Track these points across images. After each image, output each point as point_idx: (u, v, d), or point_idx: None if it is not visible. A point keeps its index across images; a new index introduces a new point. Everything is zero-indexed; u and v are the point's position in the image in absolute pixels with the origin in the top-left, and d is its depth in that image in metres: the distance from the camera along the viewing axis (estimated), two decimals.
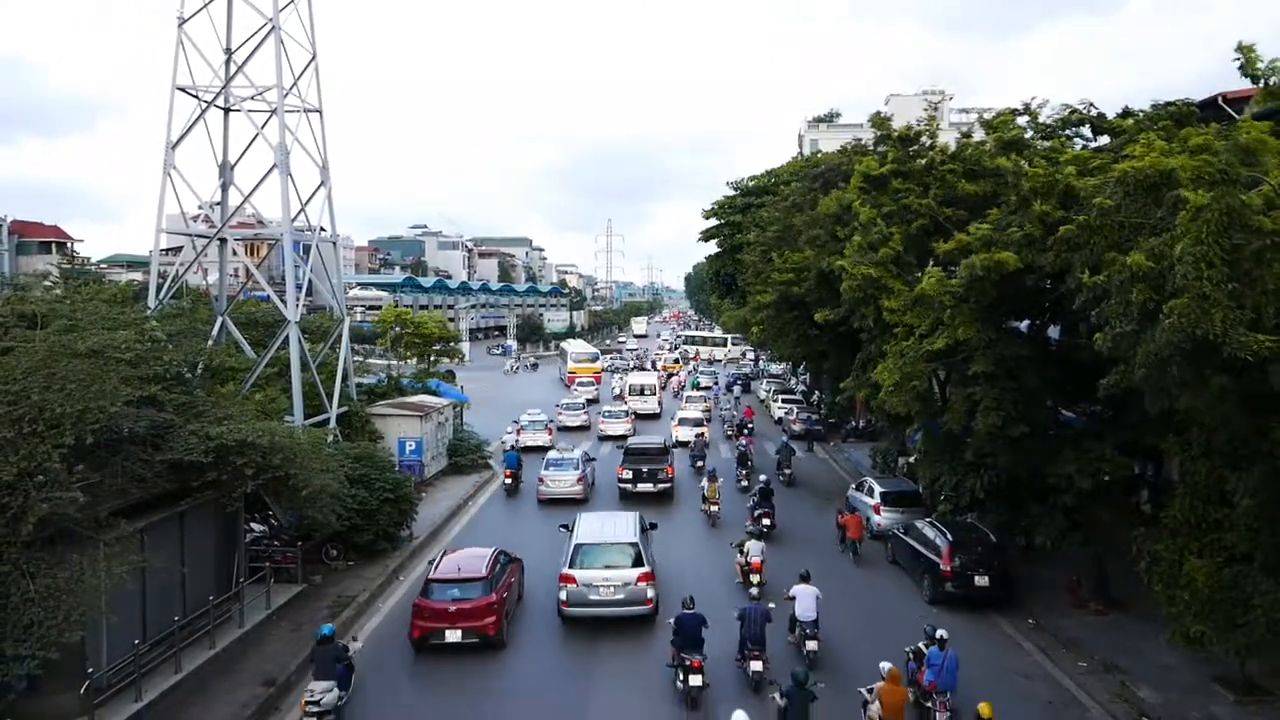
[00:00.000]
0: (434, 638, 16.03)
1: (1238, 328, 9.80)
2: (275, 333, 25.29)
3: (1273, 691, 13.84)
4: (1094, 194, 12.85)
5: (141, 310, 20.15)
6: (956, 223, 18.49)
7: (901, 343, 18.04)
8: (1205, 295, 9.91)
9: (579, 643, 16.88)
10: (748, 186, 53.56)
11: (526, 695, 14.73)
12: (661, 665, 14.93)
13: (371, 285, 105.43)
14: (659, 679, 14.92)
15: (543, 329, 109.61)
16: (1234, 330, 9.79)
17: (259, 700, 14.13)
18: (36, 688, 11.83)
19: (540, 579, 19.36)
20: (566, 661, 16.25)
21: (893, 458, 29.23)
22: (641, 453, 28.54)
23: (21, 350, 13.07)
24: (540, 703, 14.48)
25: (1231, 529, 12.76)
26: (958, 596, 18.64)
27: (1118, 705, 14.47)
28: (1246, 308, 10.09)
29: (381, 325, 52.35)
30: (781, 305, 31.92)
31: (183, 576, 15.23)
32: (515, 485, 29.43)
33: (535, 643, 16.98)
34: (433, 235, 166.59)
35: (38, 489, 11.23)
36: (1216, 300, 9.89)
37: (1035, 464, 17.44)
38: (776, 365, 67.70)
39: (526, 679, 15.42)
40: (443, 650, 16.00)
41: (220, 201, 25.63)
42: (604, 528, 19.06)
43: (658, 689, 14.71)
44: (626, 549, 17.81)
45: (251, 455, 14.72)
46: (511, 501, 28.65)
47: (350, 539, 20.77)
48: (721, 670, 14.65)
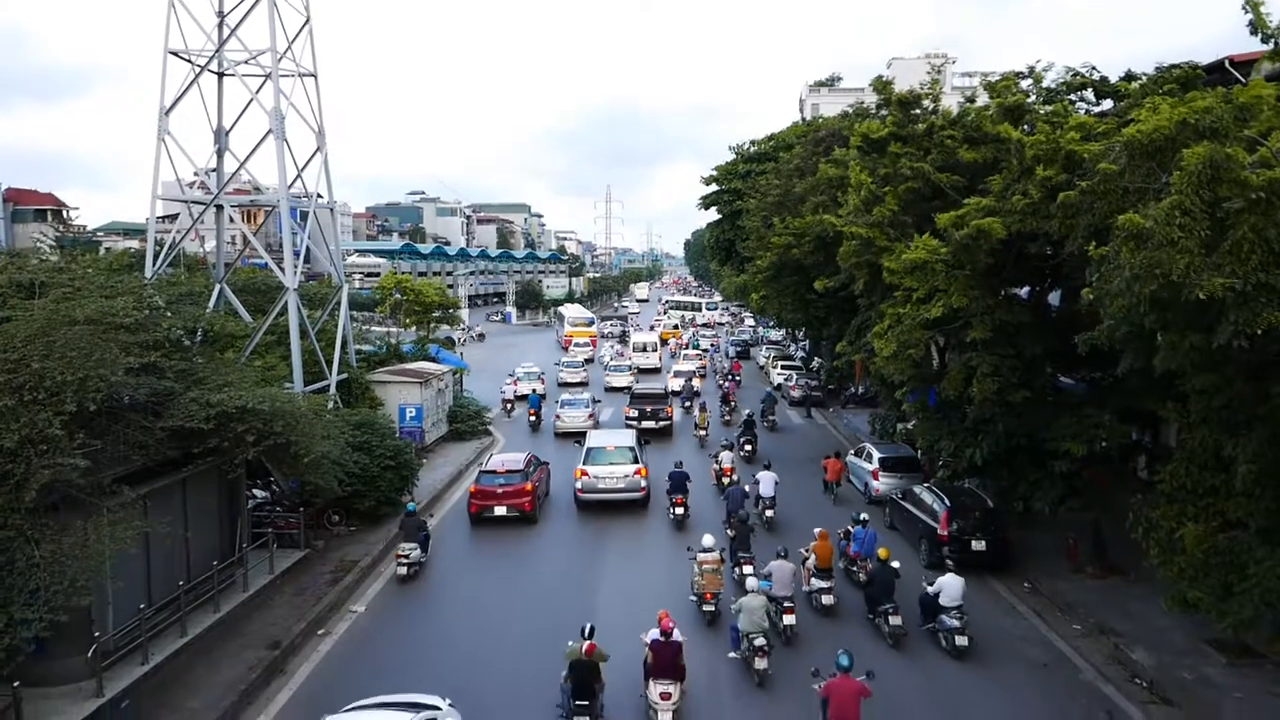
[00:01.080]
0: (486, 512, 21.99)
1: (1200, 272, 9.82)
2: (273, 300, 25.24)
3: (1265, 654, 14.02)
4: (1098, 159, 12.74)
5: (139, 278, 20.08)
6: (955, 189, 18.35)
7: (899, 306, 17.99)
8: (1173, 241, 9.92)
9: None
10: (749, 152, 53.03)
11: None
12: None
13: (369, 252, 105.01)
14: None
15: (542, 295, 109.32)
16: (1195, 274, 9.81)
17: (264, 662, 14.32)
18: (45, 651, 11.99)
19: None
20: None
21: (891, 424, 29.32)
22: (645, 397, 34.13)
23: (20, 319, 13.06)
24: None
25: (1228, 495, 12.84)
26: (954, 561, 18.76)
27: (1111, 667, 14.69)
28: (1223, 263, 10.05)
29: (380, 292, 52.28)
30: (781, 269, 31.80)
31: (186, 542, 15.35)
32: (537, 423, 35.16)
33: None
34: (431, 202, 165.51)
35: (40, 456, 11.29)
36: (1185, 247, 9.90)
37: (1034, 430, 17.50)
38: (776, 332, 67.71)
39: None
40: (491, 523, 21.95)
41: (216, 168, 25.42)
42: (609, 438, 24.89)
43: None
44: (626, 450, 23.66)
45: (253, 422, 14.78)
46: (534, 437, 34.03)
47: (352, 505, 20.92)
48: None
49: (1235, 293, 9.72)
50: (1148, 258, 10.07)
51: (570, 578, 18.72)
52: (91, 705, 12.25)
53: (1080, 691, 13.94)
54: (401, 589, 18.27)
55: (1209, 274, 9.81)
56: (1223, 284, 9.72)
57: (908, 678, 14.14)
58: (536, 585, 18.43)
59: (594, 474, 23.08)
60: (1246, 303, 9.79)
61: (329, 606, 16.92)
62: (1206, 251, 10.03)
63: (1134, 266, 10.21)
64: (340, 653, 15.42)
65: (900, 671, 14.20)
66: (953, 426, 19.77)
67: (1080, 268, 14.54)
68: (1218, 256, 10.00)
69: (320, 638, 15.92)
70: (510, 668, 14.53)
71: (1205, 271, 9.85)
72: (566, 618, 15.27)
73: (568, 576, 18.80)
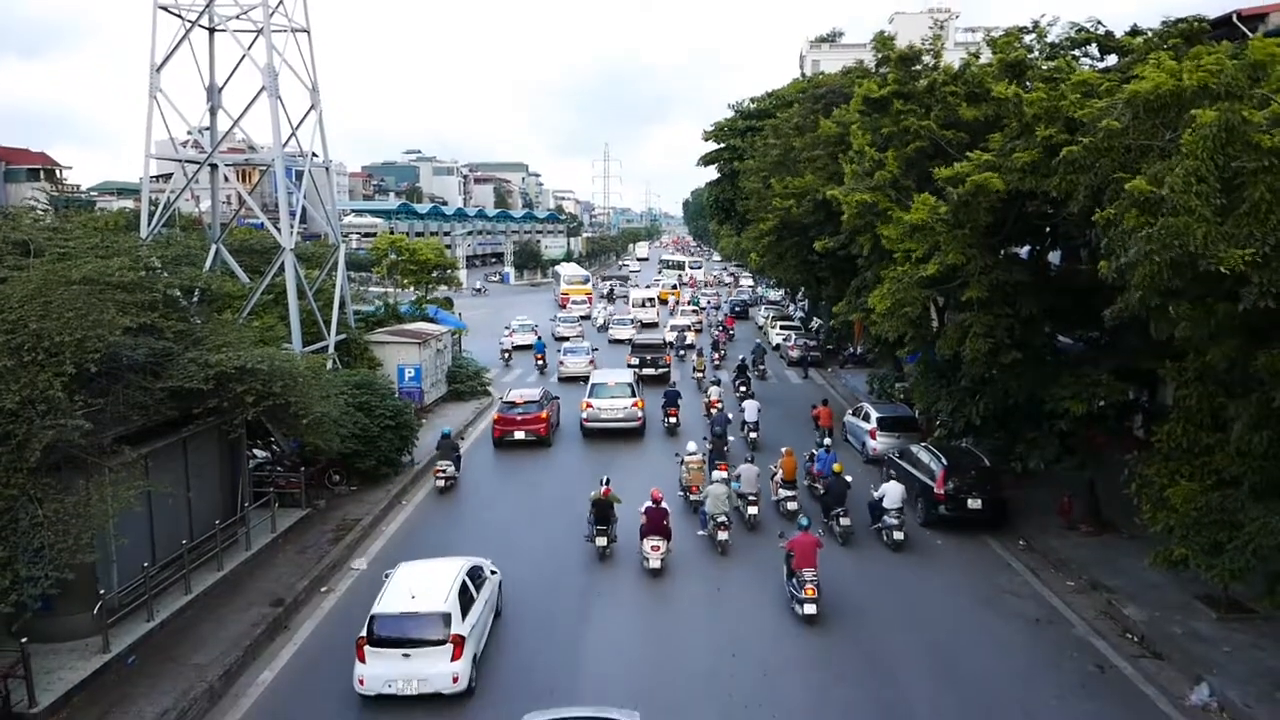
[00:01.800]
0: (507, 436, 26.08)
1: (1217, 243, 9.75)
2: (270, 260, 25.13)
3: (1254, 609, 14.23)
4: (1100, 116, 12.60)
5: (135, 238, 19.96)
6: (957, 146, 18.17)
7: (899, 268, 17.92)
8: (1190, 210, 9.83)
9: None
10: (748, 109, 52.36)
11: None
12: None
13: (366, 212, 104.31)
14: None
15: (540, 256, 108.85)
16: (1213, 245, 9.74)
17: (268, 619, 14.52)
18: (52, 608, 12.15)
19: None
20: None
21: (889, 384, 29.41)
22: (645, 347, 37.43)
23: (16, 279, 13.01)
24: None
25: (1222, 454, 12.91)
26: (950, 519, 18.99)
27: (1103, 622, 14.91)
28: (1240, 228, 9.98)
29: (377, 252, 51.99)
30: (782, 231, 31.66)
31: (188, 501, 15.48)
32: (543, 366, 39.39)
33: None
34: (427, 161, 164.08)
35: (41, 417, 11.33)
36: (1201, 215, 9.81)
37: (1032, 389, 17.54)
38: (775, 292, 67.57)
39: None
40: (511, 445, 25.98)
41: (209, 126, 25.14)
42: (610, 376, 28.84)
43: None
44: (625, 387, 27.72)
45: (252, 382, 14.80)
46: (539, 379, 37.39)
47: (352, 464, 21.04)
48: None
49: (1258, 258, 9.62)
50: (1166, 226, 9.91)
51: (581, 480, 21.50)
52: (98, 661, 12.46)
53: (1072, 646, 14.18)
54: (439, 499, 21.96)
55: (1225, 245, 9.70)
56: (1241, 255, 9.62)
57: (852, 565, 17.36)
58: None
59: (598, 406, 27.03)
60: (1268, 264, 9.73)
61: (331, 564, 17.11)
62: (1221, 218, 9.93)
63: (1151, 238, 10.07)
64: (343, 608, 15.64)
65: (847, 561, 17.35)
66: (950, 386, 19.82)
67: (1081, 227, 14.45)
68: (1234, 220, 9.89)
69: (323, 595, 16.13)
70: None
71: (1221, 242, 9.75)
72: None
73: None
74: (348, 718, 12.09)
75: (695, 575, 16.85)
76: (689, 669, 13.31)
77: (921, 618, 15.01)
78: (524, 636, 14.38)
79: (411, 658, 12.10)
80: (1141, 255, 10.35)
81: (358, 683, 12.13)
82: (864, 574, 16.84)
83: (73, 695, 11.79)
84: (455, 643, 12.17)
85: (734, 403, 28.63)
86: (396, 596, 12.76)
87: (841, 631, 14.50)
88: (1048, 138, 14.70)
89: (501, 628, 14.59)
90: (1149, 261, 10.29)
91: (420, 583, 13.07)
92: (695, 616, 15.27)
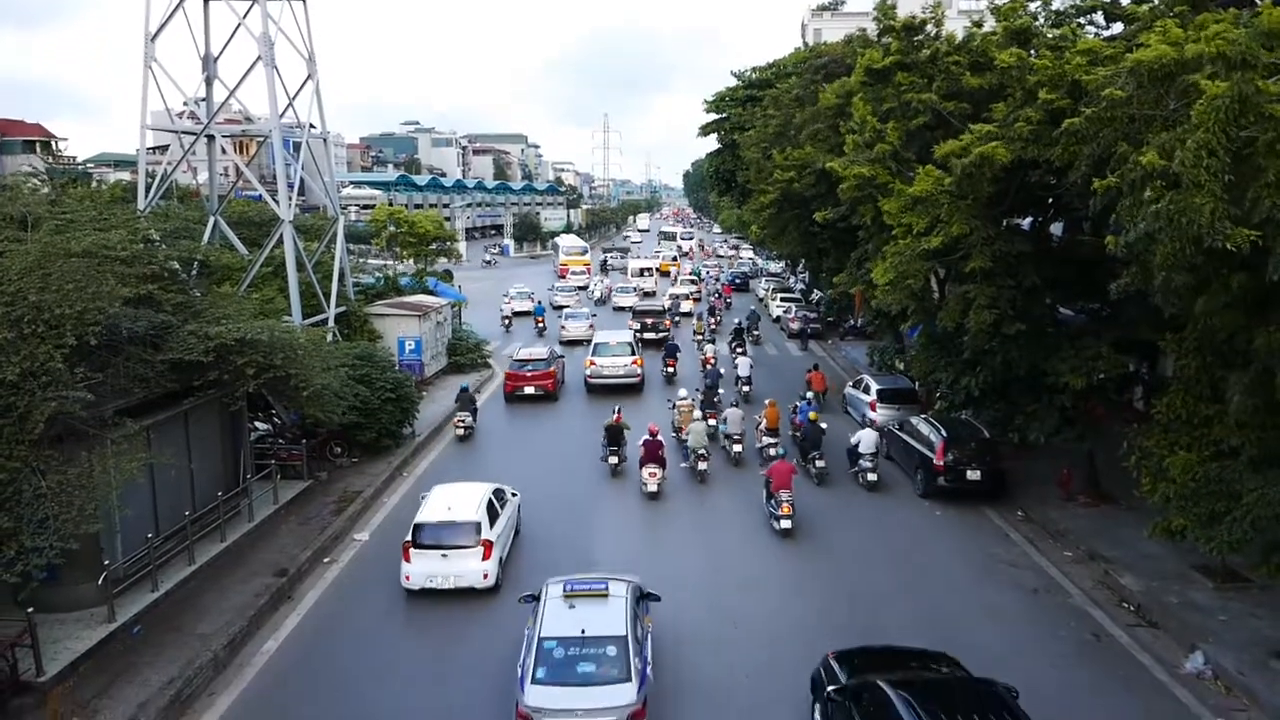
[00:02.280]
0: (518, 391, 28.41)
1: (1224, 220, 9.67)
2: (269, 233, 25.01)
3: (1250, 579, 14.34)
4: (1104, 85, 12.46)
5: (132, 210, 19.85)
6: (960, 117, 18.01)
7: (900, 242, 17.83)
8: (1199, 184, 9.73)
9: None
10: (750, 78, 51.91)
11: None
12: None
13: (364, 184, 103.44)
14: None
15: (539, 228, 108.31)
16: (1220, 223, 9.66)
17: (271, 589, 14.64)
18: (57, 578, 12.23)
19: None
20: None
21: (890, 356, 29.39)
22: (646, 313, 39.67)
23: (14, 252, 12.94)
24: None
25: (1221, 425, 12.94)
26: (950, 490, 19.08)
27: (1099, 591, 15.04)
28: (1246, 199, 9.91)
29: (376, 225, 51.67)
30: (783, 204, 31.51)
31: (191, 473, 15.54)
32: (543, 330, 41.99)
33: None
34: (426, 132, 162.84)
35: (42, 389, 11.34)
36: (1211, 191, 9.72)
37: (1032, 361, 17.54)
38: (775, 264, 67.35)
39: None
40: (521, 399, 28.41)
41: (205, 97, 24.91)
42: (612, 336, 31.43)
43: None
44: (626, 345, 30.33)
45: (252, 354, 14.80)
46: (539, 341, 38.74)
47: (354, 437, 21.10)
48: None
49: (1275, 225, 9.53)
50: (1174, 202, 9.81)
51: (586, 428, 24.77)
52: (104, 630, 12.58)
53: (1069, 615, 14.31)
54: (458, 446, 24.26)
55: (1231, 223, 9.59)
56: (1247, 234, 9.52)
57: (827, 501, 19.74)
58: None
59: (600, 363, 29.50)
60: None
61: (333, 535, 17.22)
62: (1229, 194, 9.82)
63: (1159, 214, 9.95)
64: (346, 578, 15.77)
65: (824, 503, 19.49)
66: (950, 358, 19.82)
67: (1083, 197, 14.35)
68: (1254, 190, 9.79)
69: (326, 565, 16.26)
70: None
71: (1228, 220, 9.64)
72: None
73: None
74: (356, 687, 12.24)
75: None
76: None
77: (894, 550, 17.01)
78: (540, 547, 16.58)
79: (449, 558, 14.64)
80: (1152, 231, 10.24)
81: (404, 579, 14.68)
82: (838, 507, 19.19)
83: (79, 664, 11.91)
84: (485, 546, 14.80)
85: (729, 362, 30.85)
86: (435, 509, 15.30)
87: (813, 546, 17.12)
88: (1049, 103, 14.56)
89: (521, 541, 17.09)
90: (1169, 241, 10.16)
91: (454, 499, 15.67)
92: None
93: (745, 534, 17.56)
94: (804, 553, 16.73)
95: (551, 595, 11.79)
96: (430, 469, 21.88)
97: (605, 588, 11.82)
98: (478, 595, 14.63)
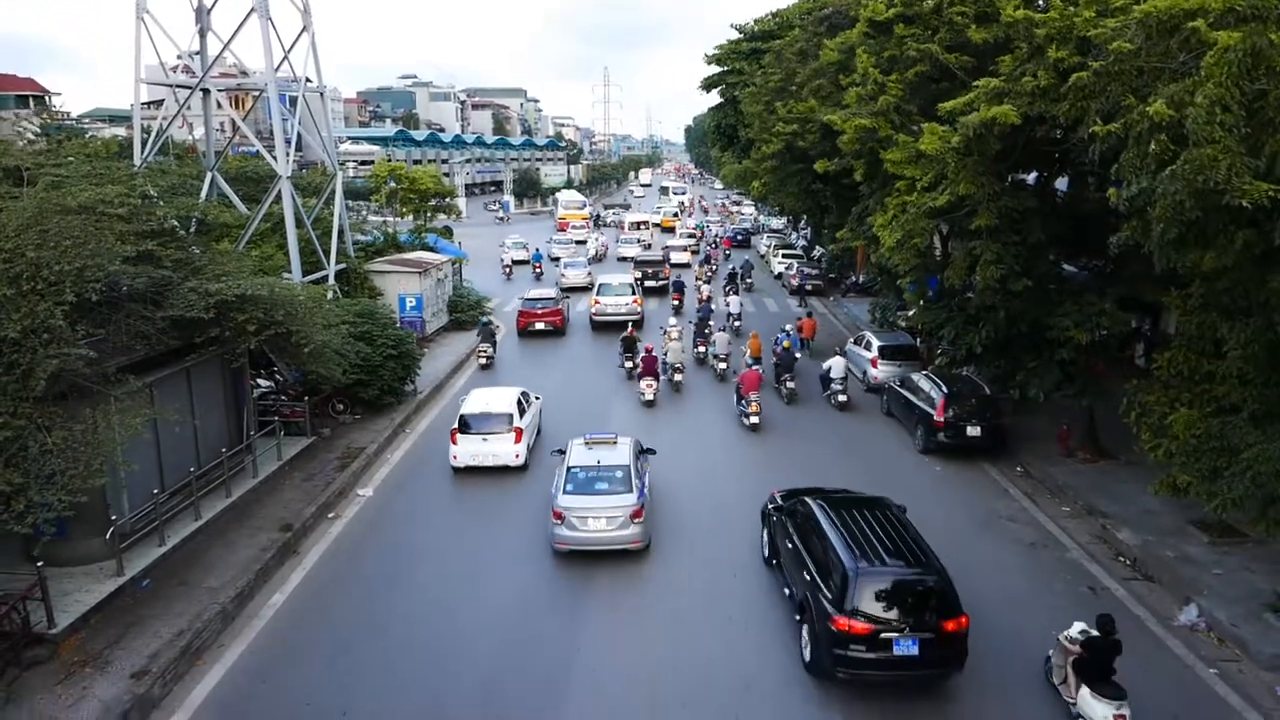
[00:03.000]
0: (530, 327, 31.81)
1: (1243, 175, 9.56)
2: (267, 189, 24.81)
3: (1247, 534, 14.48)
4: (1112, 38, 12.24)
5: (129, 165, 19.66)
6: (964, 70, 17.72)
7: (903, 196, 17.67)
8: (1215, 140, 9.61)
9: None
10: (753, 30, 50.99)
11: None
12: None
13: (362, 139, 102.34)
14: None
15: (540, 184, 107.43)
16: (1238, 178, 9.56)
17: (277, 544, 14.80)
18: (66, 533, 12.38)
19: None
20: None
21: (892, 312, 29.34)
22: (647, 262, 42.77)
23: (11, 208, 12.84)
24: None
25: (1223, 381, 12.96)
26: (950, 446, 19.19)
27: (1096, 546, 15.20)
28: (1261, 155, 9.80)
29: (375, 180, 51.28)
30: (785, 157, 31.20)
31: (195, 429, 15.62)
32: (540, 274, 45.71)
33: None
34: (424, 86, 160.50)
35: (44, 346, 11.34)
36: (1226, 147, 9.60)
37: (1035, 317, 17.52)
38: (777, 220, 66.90)
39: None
40: (532, 335, 31.84)
41: (199, 50, 24.52)
42: (615, 278, 35.29)
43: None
44: (627, 286, 33.95)
45: (253, 311, 14.77)
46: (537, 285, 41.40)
47: (356, 394, 21.16)
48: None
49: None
50: (1190, 159, 9.69)
51: (592, 356, 29.18)
52: (113, 584, 12.76)
53: (1065, 569, 14.48)
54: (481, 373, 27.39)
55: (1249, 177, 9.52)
56: (1265, 189, 9.42)
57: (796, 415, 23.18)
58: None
59: (604, 302, 33.22)
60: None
61: (338, 491, 17.36)
62: (1248, 148, 9.69)
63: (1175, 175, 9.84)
64: (351, 534, 15.95)
65: (792, 415, 22.99)
66: (953, 314, 19.79)
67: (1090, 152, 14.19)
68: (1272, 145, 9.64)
69: (330, 521, 16.42)
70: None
71: (1246, 174, 9.56)
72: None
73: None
74: (366, 634, 12.44)
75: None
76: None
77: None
78: (559, 441, 17.98)
79: (488, 441, 18.33)
80: (1164, 189, 10.14)
81: (452, 459, 18.49)
82: (806, 419, 22.57)
83: (90, 616, 12.10)
84: (516, 432, 18.41)
85: (723, 303, 34.46)
86: (476, 404, 18.91)
87: (775, 439, 21.00)
88: (1059, 60, 14.32)
89: (542, 438, 20.32)
90: (1168, 195, 10.09)
91: (490, 397, 19.38)
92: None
93: (723, 428, 21.80)
94: (767, 441, 20.84)
95: (575, 444, 15.98)
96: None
97: (614, 437, 16.22)
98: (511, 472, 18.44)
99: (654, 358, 23.70)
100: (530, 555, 14.85)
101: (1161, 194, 10.24)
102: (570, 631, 12.56)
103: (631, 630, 12.60)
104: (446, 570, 14.44)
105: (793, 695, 11.07)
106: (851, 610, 10.64)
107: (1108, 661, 10.33)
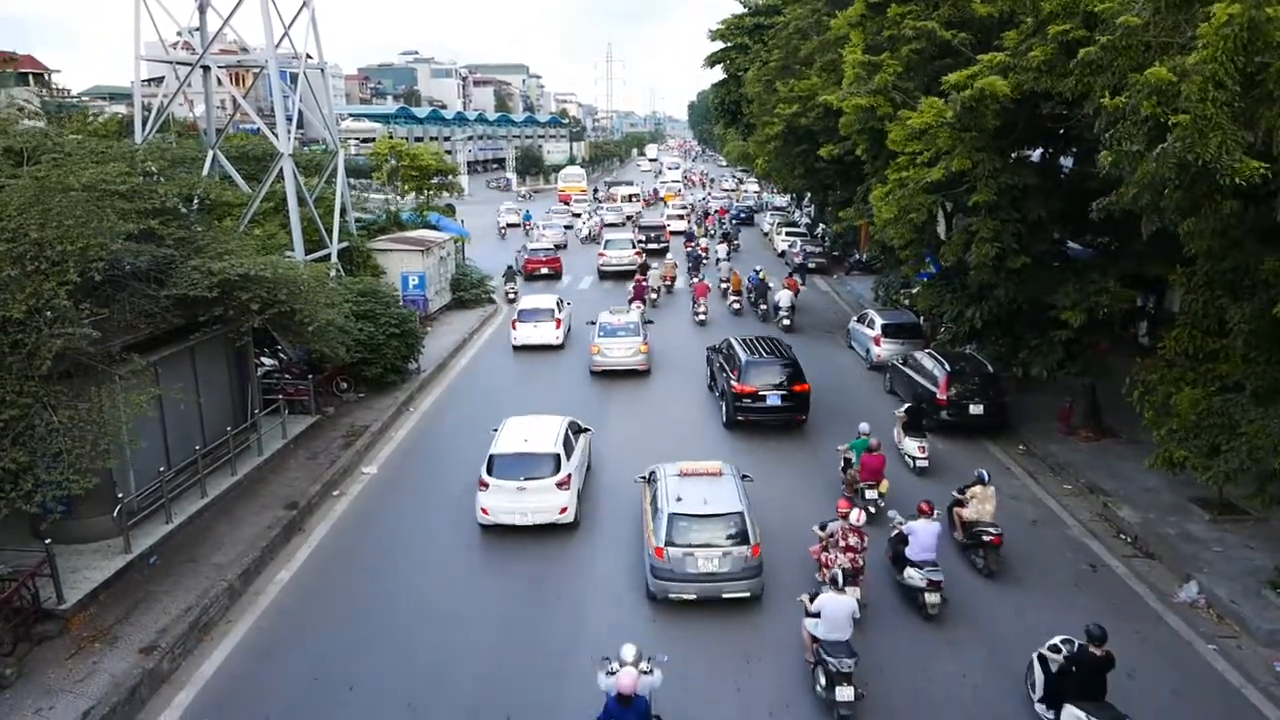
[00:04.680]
0: (536, 271, 38.93)
1: (1234, 152, 9.51)
2: (268, 168, 24.74)
3: (1247, 511, 14.53)
4: (1120, 11, 12.11)
5: (130, 143, 19.60)
6: (967, 46, 17.52)
7: (902, 171, 17.55)
8: (1206, 116, 9.56)
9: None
10: (756, 4, 50.53)
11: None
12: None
13: (364, 116, 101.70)
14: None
15: (542, 161, 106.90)
16: (1228, 155, 9.51)
17: (283, 522, 14.91)
18: (73, 511, 12.48)
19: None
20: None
21: (895, 290, 29.29)
22: (649, 227, 48.38)
23: (12, 187, 12.83)
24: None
25: (1226, 359, 12.94)
26: (952, 424, 19.21)
27: (1097, 523, 15.27)
28: (1258, 131, 9.73)
29: (376, 158, 51.02)
30: (789, 137, 31.03)
31: (200, 408, 15.69)
32: (529, 231, 52.15)
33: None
34: (425, 63, 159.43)
35: (49, 325, 11.38)
36: (1218, 123, 9.54)
37: (1037, 295, 17.46)
38: (780, 198, 66.62)
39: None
40: (538, 278, 38.68)
41: (199, 27, 24.36)
42: (617, 235, 42.58)
43: None
44: (627, 243, 40.39)
45: (256, 290, 14.77)
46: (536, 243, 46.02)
47: (359, 372, 21.23)
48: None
49: None
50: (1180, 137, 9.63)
51: (593, 299, 33.38)
52: (121, 561, 12.88)
53: (1066, 546, 14.55)
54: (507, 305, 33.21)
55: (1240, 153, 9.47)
56: (1256, 167, 9.37)
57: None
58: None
59: (609, 255, 39.49)
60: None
61: (342, 469, 17.46)
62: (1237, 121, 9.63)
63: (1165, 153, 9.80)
64: (355, 511, 16.06)
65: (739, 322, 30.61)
66: (955, 292, 19.74)
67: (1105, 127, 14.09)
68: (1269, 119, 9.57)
69: (335, 499, 16.53)
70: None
71: (1238, 150, 9.51)
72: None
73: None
74: (372, 609, 12.57)
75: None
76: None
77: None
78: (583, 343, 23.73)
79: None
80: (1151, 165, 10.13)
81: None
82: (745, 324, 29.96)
83: (99, 593, 12.23)
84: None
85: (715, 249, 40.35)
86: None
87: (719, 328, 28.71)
88: (1063, 33, 14.17)
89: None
90: (1157, 161, 10.08)
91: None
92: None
93: (686, 326, 30.21)
94: (712, 329, 28.67)
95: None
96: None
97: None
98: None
99: (642, 285, 31.86)
100: (533, 528, 14.94)
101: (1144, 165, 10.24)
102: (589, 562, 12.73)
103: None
104: (451, 546, 14.56)
105: (719, 433, 20.00)
106: (742, 379, 19.40)
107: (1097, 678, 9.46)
